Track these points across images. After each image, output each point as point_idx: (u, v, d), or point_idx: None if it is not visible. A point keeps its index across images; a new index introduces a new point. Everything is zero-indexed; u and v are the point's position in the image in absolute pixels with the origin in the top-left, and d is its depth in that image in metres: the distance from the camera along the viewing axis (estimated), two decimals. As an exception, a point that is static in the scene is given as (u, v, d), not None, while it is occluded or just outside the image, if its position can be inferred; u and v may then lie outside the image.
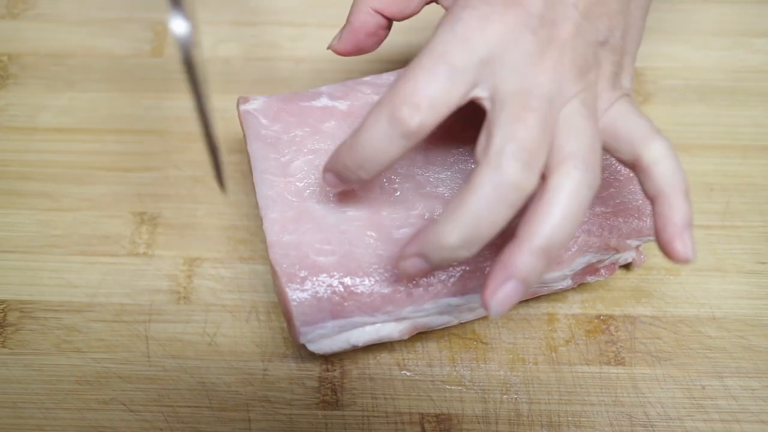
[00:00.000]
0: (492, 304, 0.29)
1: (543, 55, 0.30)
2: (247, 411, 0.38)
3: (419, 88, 0.29)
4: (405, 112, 0.29)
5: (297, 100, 0.38)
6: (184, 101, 0.48)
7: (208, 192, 0.45)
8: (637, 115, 0.31)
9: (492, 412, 0.38)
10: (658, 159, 0.30)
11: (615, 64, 0.32)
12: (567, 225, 0.29)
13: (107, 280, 0.42)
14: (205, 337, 0.40)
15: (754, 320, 0.41)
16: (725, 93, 0.49)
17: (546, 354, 0.40)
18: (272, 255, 0.34)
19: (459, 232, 0.29)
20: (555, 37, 0.30)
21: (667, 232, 0.30)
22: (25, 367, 0.39)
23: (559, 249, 0.29)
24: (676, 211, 0.30)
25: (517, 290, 0.29)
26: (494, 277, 0.29)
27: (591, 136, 0.30)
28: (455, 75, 0.29)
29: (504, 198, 0.28)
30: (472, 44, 0.29)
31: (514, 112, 0.29)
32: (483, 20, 0.30)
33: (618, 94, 0.32)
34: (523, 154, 0.28)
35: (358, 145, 0.30)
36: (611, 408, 0.38)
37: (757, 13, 0.52)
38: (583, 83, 0.31)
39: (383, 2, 0.35)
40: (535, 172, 0.29)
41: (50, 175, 0.45)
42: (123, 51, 0.50)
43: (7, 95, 0.48)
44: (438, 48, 0.29)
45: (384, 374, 0.39)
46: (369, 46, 0.37)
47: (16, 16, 0.51)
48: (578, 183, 0.29)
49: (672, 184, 0.30)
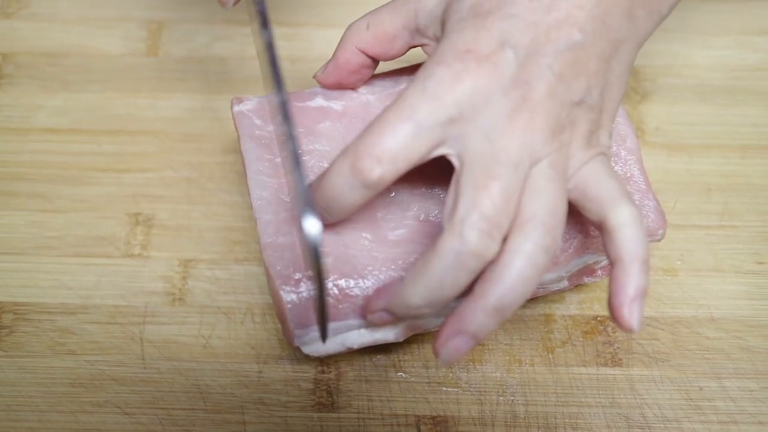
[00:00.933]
0: (442, 353, 0.31)
1: (514, 116, 0.30)
2: (242, 413, 0.38)
3: (382, 141, 0.29)
4: (366, 164, 0.29)
5: (292, 100, 0.38)
6: (180, 101, 0.47)
7: (203, 193, 0.44)
8: (608, 176, 0.32)
9: (488, 414, 0.38)
10: (622, 224, 0.30)
11: (591, 123, 0.32)
12: (520, 287, 0.29)
13: (102, 281, 0.41)
14: (200, 339, 0.40)
15: (752, 321, 0.41)
16: (724, 92, 0.48)
17: (543, 355, 0.40)
18: (266, 257, 0.34)
19: (422, 294, 0.30)
20: (528, 98, 0.30)
21: (617, 298, 0.30)
22: (19, 370, 0.39)
23: (511, 308, 0.30)
24: (630, 280, 0.30)
25: (467, 343, 0.30)
26: (448, 327, 0.30)
27: (554, 199, 0.30)
28: (420, 132, 0.30)
29: (464, 265, 0.29)
30: (442, 102, 0.30)
31: (479, 179, 0.29)
32: (455, 78, 0.30)
33: (593, 153, 0.32)
34: (484, 224, 0.29)
35: (322, 190, 0.31)
36: (608, 409, 0.38)
37: (756, 11, 0.52)
38: (556, 144, 0.31)
39: (367, 42, 0.35)
40: (496, 239, 0.29)
41: (45, 176, 0.45)
42: (118, 50, 0.50)
43: (2, 95, 0.48)
44: (407, 103, 0.30)
45: (380, 376, 0.39)
46: (351, 83, 0.37)
47: (10, 16, 0.51)
48: (536, 246, 0.29)
49: (632, 252, 0.30)
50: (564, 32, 0.31)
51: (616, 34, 0.32)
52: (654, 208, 0.36)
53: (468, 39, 0.30)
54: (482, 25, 0.31)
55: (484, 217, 0.29)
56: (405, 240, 0.35)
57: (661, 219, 0.36)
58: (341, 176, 0.30)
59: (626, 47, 0.33)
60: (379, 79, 0.39)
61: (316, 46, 0.50)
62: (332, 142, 0.37)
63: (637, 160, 0.37)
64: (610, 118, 0.33)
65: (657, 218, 0.36)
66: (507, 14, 0.31)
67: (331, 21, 0.50)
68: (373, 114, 0.37)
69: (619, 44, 0.32)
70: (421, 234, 0.35)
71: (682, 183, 0.45)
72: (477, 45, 0.30)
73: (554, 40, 0.30)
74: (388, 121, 0.30)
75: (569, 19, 0.31)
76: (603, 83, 0.32)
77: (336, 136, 0.37)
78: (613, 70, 0.32)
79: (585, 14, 0.31)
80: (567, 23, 0.31)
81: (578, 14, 0.31)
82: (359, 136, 0.30)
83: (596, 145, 0.32)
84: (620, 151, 0.37)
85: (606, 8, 0.31)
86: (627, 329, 0.30)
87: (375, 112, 0.37)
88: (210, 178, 0.45)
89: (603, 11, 0.31)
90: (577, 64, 0.31)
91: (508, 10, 0.31)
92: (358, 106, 0.38)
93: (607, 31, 0.31)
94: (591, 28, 0.31)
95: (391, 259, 0.34)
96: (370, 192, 0.31)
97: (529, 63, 0.30)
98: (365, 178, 0.30)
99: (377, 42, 0.35)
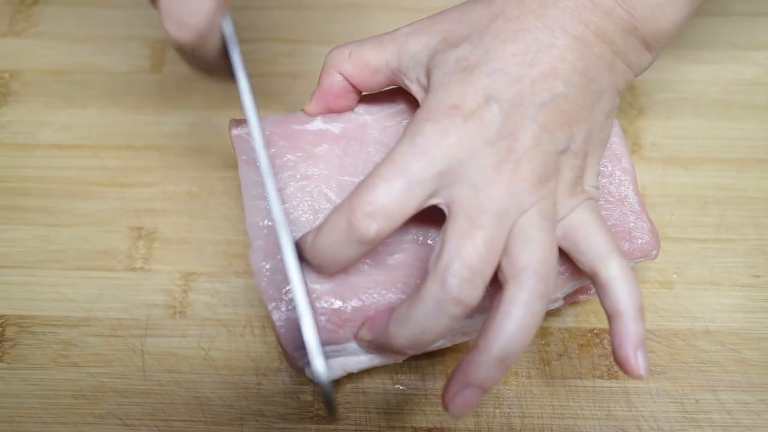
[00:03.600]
0: (451, 408, 0.31)
1: (500, 167, 0.31)
2: (242, 425, 0.38)
3: (377, 198, 0.30)
4: (362, 222, 0.30)
5: (290, 122, 0.38)
6: (182, 117, 0.48)
7: (204, 207, 0.45)
8: (597, 227, 0.33)
9: (485, 426, 0.38)
10: (614, 278, 0.32)
11: (576, 169, 0.33)
12: (521, 335, 0.30)
13: (104, 294, 0.42)
14: (200, 351, 0.40)
15: (748, 334, 0.41)
16: (720, 106, 0.49)
17: (539, 368, 0.40)
18: (258, 281, 0.34)
19: (406, 337, 0.31)
20: (513, 149, 0.31)
21: (622, 350, 0.31)
22: (22, 382, 0.39)
23: (515, 357, 0.30)
24: (630, 332, 0.31)
25: (475, 395, 0.31)
26: (455, 382, 0.31)
27: (545, 247, 0.31)
28: (413, 186, 0.30)
29: (446, 311, 0.30)
30: (431, 156, 0.31)
31: (464, 228, 0.30)
32: (442, 133, 0.31)
33: (580, 200, 0.33)
34: (466, 272, 0.30)
35: (317, 247, 0.32)
36: (604, 422, 0.38)
37: (751, 26, 0.52)
38: (542, 192, 0.31)
39: (348, 70, 0.36)
40: (478, 287, 0.30)
41: (49, 190, 0.46)
42: (122, 68, 0.51)
43: (8, 112, 0.49)
44: (398, 159, 0.31)
45: (377, 388, 0.39)
46: (339, 108, 0.37)
47: (18, 34, 0.52)
48: (531, 295, 0.30)
49: (627, 304, 0.32)
50: (548, 84, 0.31)
51: (598, 85, 0.33)
52: (648, 229, 0.37)
53: (454, 95, 0.31)
54: (468, 81, 0.31)
55: (467, 265, 0.30)
56: (404, 264, 0.35)
57: (655, 240, 0.37)
58: (337, 234, 0.31)
59: (607, 96, 0.33)
60: (377, 99, 0.39)
61: (316, 62, 0.50)
62: (330, 165, 0.36)
63: (631, 181, 0.38)
64: (595, 161, 0.34)
65: (651, 239, 0.36)
66: (492, 69, 0.31)
67: (331, 37, 0.51)
68: (371, 135, 0.37)
69: (601, 94, 0.33)
70: (419, 258, 0.35)
71: (679, 196, 0.45)
72: (463, 101, 0.31)
73: (538, 92, 0.31)
74: (382, 177, 0.30)
75: (552, 72, 0.31)
76: (587, 129, 0.33)
77: (333, 159, 0.37)
78: (596, 117, 0.33)
79: (568, 67, 0.32)
80: (551, 76, 0.31)
81: (561, 67, 0.32)
82: (353, 193, 0.31)
83: (582, 192, 0.33)
84: (615, 172, 0.38)
85: (588, 62, 0.32)
86: (636, 377, 0.32)
87: (372, 133, 0.37)
88: (211, 193, 0.45)
89: (585, 65, 0.32)
90: (561, 114, 0.32)
91: (493, 65, 0.31)
92: (356, 128, 0.37)
93: (590, 83, 0.32)
94: (574, 80, 0.32)
95: (391, 282, 0.34)
96: (367, 248, 0.31)
97: (513, 115, 0.31)
98: (362, 235, 0.30)
99: (357, 72, 0.35)
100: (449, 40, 0.33)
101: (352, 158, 0.37)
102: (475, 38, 0.33)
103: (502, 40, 0.32)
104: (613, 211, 0.37)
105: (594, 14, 0.32)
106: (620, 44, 0.33)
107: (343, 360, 0.35)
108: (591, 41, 0.32)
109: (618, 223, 0.37)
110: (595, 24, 0.32)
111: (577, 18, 0.32)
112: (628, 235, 0.36)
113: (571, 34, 0.32)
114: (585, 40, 0.32)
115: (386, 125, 0.37)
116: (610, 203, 0.37)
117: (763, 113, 0.48)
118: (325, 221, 0.32)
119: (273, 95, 0.50)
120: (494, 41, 0.32)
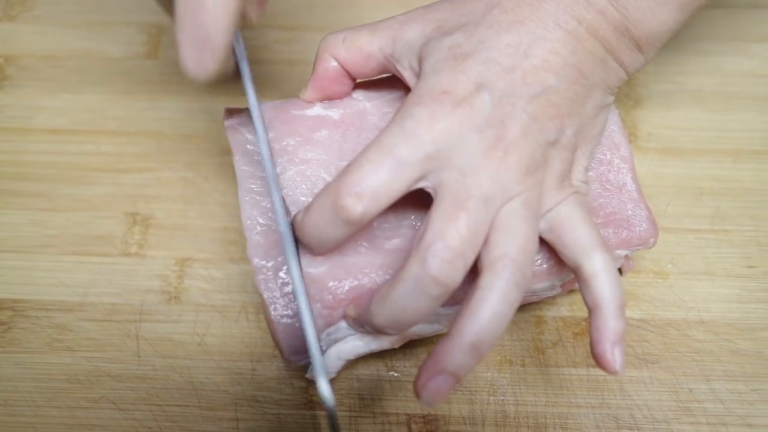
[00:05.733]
0: (423, 394, 0.31)
1: (488, 154, 0.31)
2: (236, 410, 0.38)
3: (364, 178, 0.30)
4: (348, 201, 0.30)
5: (289, 108, 0.38)
6: (178, 102, 0.48)
7: (199, 193, 0.45)
8: (582, 222, 0.33)
9: (479, 413, 0.38)
10: (597, 273, 0.32)
11: (565, 162, 0.33)
12: (495, 323, 0.30)
13: (99, 279, 0.42)
14: (195, 337, 0.40)
15: (741, 324, 0.41)
16: (718, 97, 0.49)
17: (533, 356, 0.40)
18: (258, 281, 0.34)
19: (386, 316, 0.31)
20: (502, 137, 0.31)
21: (600, 345, 0.32)
22: (16, 365, 0.39)
23: (488, 345, 0.30)
24: (608, 328, 0.32)
25: (447, 382, 0.31)
26: (426, 368, 0.31)
27: (525, 237, 0.31)
28: (400, 168, 0.30)
29: (426, 291, 0.30)
30: (420, 140, 0.31)
31: (448, 210, 0.30)
32: (432, 118, 0.31)
33: (567, 193, 0.33)
34: (447, 253, 0.30)
35: (305, 226, 0.32)
36: (598, 410, 0.38)
37: (750, 18, 0.52)
38: (529, 182, 0.32)
39: (341, 55, 0.36)
40: (459, 269, 0.30)
41: (45, 175, 0.45)
42: (118, 53, 0.50)
43: (4, 96, 0.49)
44: (386, 141, 0.31)
45: (372, 375, 0.39)
46: (336, 93, 0.37)
47: (13, 18, 0.52)
48: (507, 283, 0.30)
49: (608, 299, 0.32)
50: (540, 77, 0.32)
51: (589, 80, 0.33)
52: (646, 217, 0.37)
53: (445, 81, 0.31)
54: (460, 69, 0.32)
55: (449, 246, 0.30)
56: (400, 248, 0.35)
57: (653, 228, 0.37)
58: (323, 214, 0.31)
59: (598, 91, 0.34)
60: (376, 86, 0.39)
61: (314, 50, 0.50)
62: (329, 150, 0.37)
63: (630, 169, 0.38)
64: (584, 156, 0.34)
65: (649, 227, 0.37)
66: (485, 58, 0.32)
67: (330, 24, 0.51)
68: (370, 122, 0.37)
69: (591, 89, 0.33)
70: None
71: (675, 187, 0.45)
72: (454, 87, 0.31)
73: (530, 84, 0.31)
74: (369, 159, 0.31)
75: (545, 65, 0.32)
76: (577, 123, 0.33)
77: (332, 145, 0.37)
78: (587, 111, 0.33)
79: (560, 60, 0.32)
80: (543, 68, 0.32)
81: (554, 60, 0.32)
82: (340, 174, 0.31)
83: (569, 186, 0.33)
84: (614, 160, 0.38)
85: (580, 57, 0.32)
86: (612, 373, 0.32)
87: (372, 119, 0.37)
88: (206, 179, 0.45)
89: (577, 59, 0.32)
90: (552, 106, 0.32)
91: (486, 54, 0.32)
92: (355, 114, 0.37)
93: (581, 77, 0.33)
94: (566, 73, 0.32)
95: (387, 265, 0.34)
96: (353, 228, 0.31)
97: (504, 104, 0.31)
98: (348, 215, 0.30)
99: (350, 57, 0.35)
100: (444, 28, 0.33)
101: (350, 144, 0.37)
102: (469, 27, 0.33)
103: (496, 30, 0.32)
104: (611, 198, 0.37)
105: (587, 11, 0.32)
106: (612, 43, 0.33)
107: (339, 348, 0.35)
108: (583, 37, 0.32)
109: (616, 210, 0.36)
110: (588, 21, 0.32)
111: (571, 14, 0.32)
112: (626, 223, 0.36)
113: (564, 29, 0.32)
114: (577, 36, 0.32)
115: (385, 111, 0.37)
116: (608, 191, 0.37)
117: (761, 105, 0.48)
118: (313, 200, 0.32)
119: (270, 82, 0.49)
120: (489, 31, 0.32)
